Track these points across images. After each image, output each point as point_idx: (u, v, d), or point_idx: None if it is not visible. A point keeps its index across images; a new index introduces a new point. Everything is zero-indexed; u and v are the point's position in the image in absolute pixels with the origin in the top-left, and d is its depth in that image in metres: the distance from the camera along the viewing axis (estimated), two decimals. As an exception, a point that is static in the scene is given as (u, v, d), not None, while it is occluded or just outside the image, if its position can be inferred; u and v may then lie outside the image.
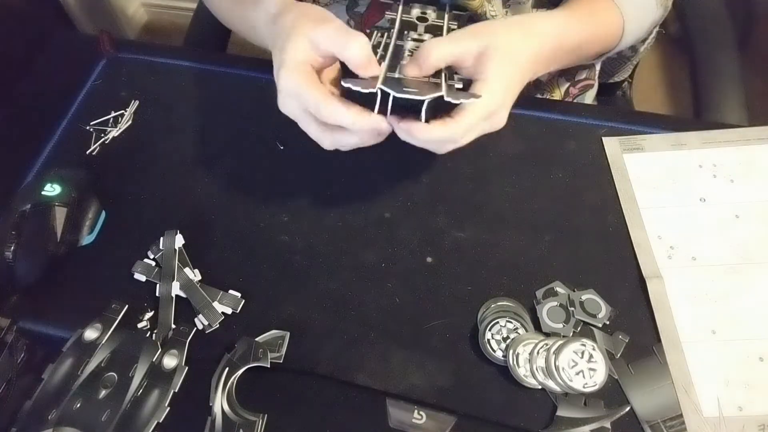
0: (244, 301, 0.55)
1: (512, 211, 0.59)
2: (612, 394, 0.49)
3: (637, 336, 0.51)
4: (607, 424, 0.47)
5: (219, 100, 0.70)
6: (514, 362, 0.49)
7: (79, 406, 0.47)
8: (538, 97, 0.78)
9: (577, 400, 0.48)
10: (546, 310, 0.52)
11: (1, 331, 0.50)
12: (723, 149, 0.61)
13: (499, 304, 0.53)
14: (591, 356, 0.48)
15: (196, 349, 0.52)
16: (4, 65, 0.74)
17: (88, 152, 0.66)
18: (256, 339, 0.52)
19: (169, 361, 0.50)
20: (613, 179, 0.60)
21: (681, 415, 0.47)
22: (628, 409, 0.48)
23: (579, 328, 0.52)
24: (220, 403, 0.48)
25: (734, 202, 0.58)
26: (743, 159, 0.60)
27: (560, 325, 0.51)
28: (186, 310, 0.54)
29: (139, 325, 0.54)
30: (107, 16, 1.66)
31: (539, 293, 0.53)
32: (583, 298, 0.53)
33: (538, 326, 0.52)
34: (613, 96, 0.94)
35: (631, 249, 0.56)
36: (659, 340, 0.51)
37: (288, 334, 0.52)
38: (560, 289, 0.53)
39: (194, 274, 0.56)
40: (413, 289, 0.55)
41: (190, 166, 0.64)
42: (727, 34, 0.80)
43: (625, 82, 0.93)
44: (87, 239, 0.59)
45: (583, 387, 0.47)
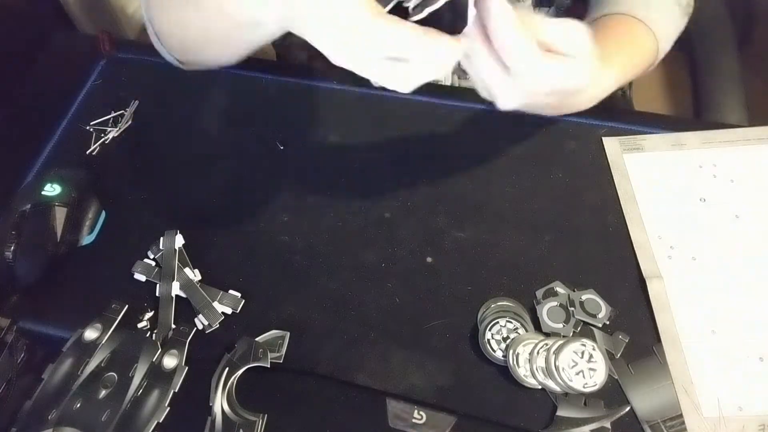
0: (244, 301, 0.55)
1: (512, 211, 0.59)
2: (612, 394, 0.49)
3: (637, 336, 0.51)
4: (607, 424, 0.47)
5: (219, 100, 0.70)
6: (514, 362, 0.49)
7: (79, 406, 0.47)
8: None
9: (577, 400, 0.48)
10: (546, 310, 0.52)
11: (1, 331, 0.50)
12: (723, 149, 0.61)
13: (499, 304, 0.53)
14: (591, 356, 0.48)
15: (196, 349, 0.52)
16: (4, 65, 0.74)
17: (88, 152, 0.66)
18: (256, 339, 0.52)
19: (169, 361, 0.50)
20: (613, 179, 0.60)
21: (681, 415, 0.47)
22: (628, 409, 0.48)
23: (579, 328, 0.52)
24: (220, 403, 0.48)
25: (734, 202, 0.58)
26: (743, 159, 0.60)
27: (560, 325, 0.51)
28: (186, 310, 0.54)
29: (139, 325, 0.54)
30: (107, 16, 1.66)
31: (539, 293, 0.53)
32: (583, 298, 0.53)
33: (538, 326, 0.52)
34: (613, 96, 0.94)
35: (631, 249, 0.56)
36: (659, 340, 0.51)
37: (288, 334, 0.52)
38: (560, 289, 0.53)
39: (194, 274, 0.56)
40: (413, 289, 0.55)
41: (190, 167, 0.64)
42: (727, 34, 0.80)
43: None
44: (87, 239, 0.59)
45: (583, 387, 0.47)
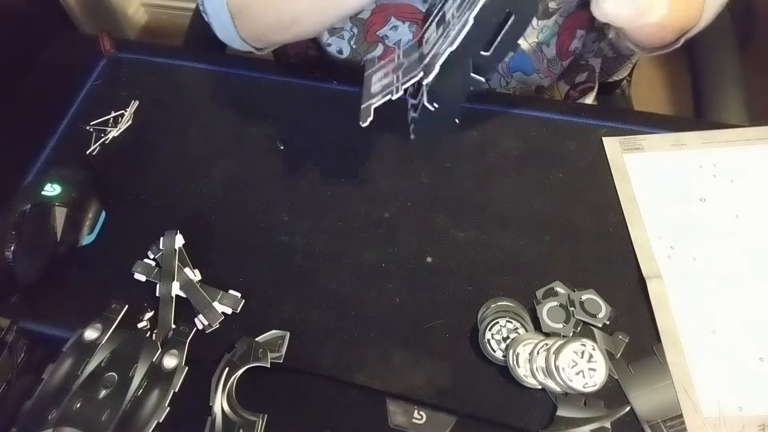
0: (244, 301, 0.55)
1: (512, 211, 0.59)
2: (612, 394, 0.49)
3: (637, 336, 0.51)
4: (607, 424, 0.47)
5: (219, 100, 0.70)
6: (514, 362, 0.49)
7: (79, 406, 0.47)
8: (539, 96, 0.78)
9: (577, 400, 0.48)
10: (546, 310, 0.52)
11: (1, 331, 0.50)
12: (723, 149, 0.61)
13: (499, 304, 0.53)
14: (591, 356, 0.48)
15: (196, 349, 0.52)
16: (4, 65, 0.75)
17: (88, 152, 0.66)
18: (256, 339, 0.52)
19: (169, 361, 0.50)
20: (613, 179, 0.60)
21: (681, 415, 0.47)
22: (628, 409, 0.48)
23: (579, 328, 0.52)
24: (220, 403, 0.48)
25: (734, 202, 0.58)
26: (743, 159, 0.60)
27: (560, 325, 0.51)
28: (186, 310, 0.54)
29: (139, 325, 0.54)
30: (107, 16, 1.66)
31: (539, 293, 0.53)
32: (583, 298, 0.53)
33: (538, 326, 0.52)
34: (612, 95, 0.94)
35: (631, 249, 0.56)
36: (659, 340, 0.51)
37: (288, 334, 0.52)
38: (560, 289, 0.53)
39: (194, 274, 0.56)
40: (413, 289, 0.55)
41: (190, 167, 0.64)
42: (727, 34, 0.80)
43: (624, 81, 0.93)
44: (87, 239, 0.59)
45: (583, 387, 0.47)
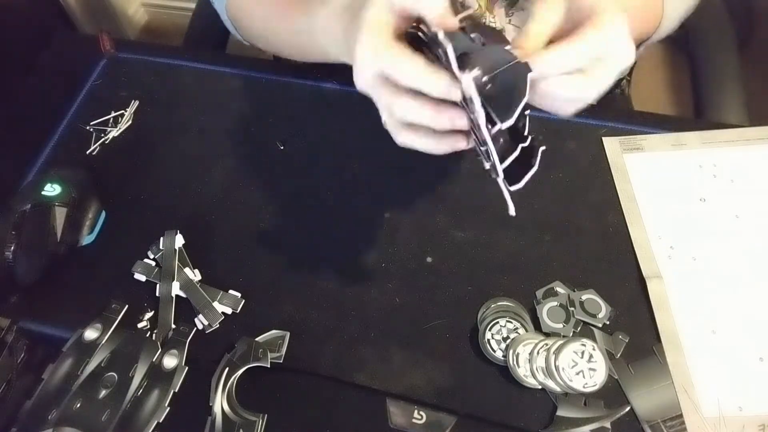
0: (244, 301, 0.55)
1: (512, 211, 0.59)
2: (612, 394, 0.49)
3: (637, 336, 0.51)
4: (607, 424, 0.47)
5: (219, 100, 0.70)
6: (514, 362, 0.49)
7: (79, 406, 0.47)
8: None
9: (577, 400, 0.48)
10: (546, 310, 0.52)
11: (1, 331, 0.50)
12: (723, 149, 0.61)
13: (499, 304, 0.53)
14: (591, 356, 0.48)
15: (196, 349, 0.52)
16: (4, 65, 0.74)
17: (88, 152, 0.66)
18: (256, 339, 0.52)
19: (169, 361, 0.50)
20: (613, 179, 0.60)
21: (681, 415, 0.47)
22: (628, 409, 0.48)
23: (579, 328, 0.52)
24: (220, 403, 0.48)
25: (734, 202, 0.58)
26: (743, 159, 0.60)
27: (560, 325, 0.51)
28: (186, 310, 0.54)
29: (139, 325, 0.54)
30: (107, 16, 1.66)
31: (539, 293, 0.53)
32: (583, 298, 0.53)
33: (538, 326, 0.52)
34: (612, 94, 0.94)
35: (631, 249, 0.56)
36: (659, 340, 0.51)
37: (288, 334, 0.52)
38: (560, 289, 0.53)
39: (194, 274, 0.56)
40: (413, 289, 0.55)
41: (190, 167, 0.64)
42: (727, 34, 0.80)
43: (624, 80, 0.93)
44: (87, 239, 0.59)
45: (583, 387, 0.47)
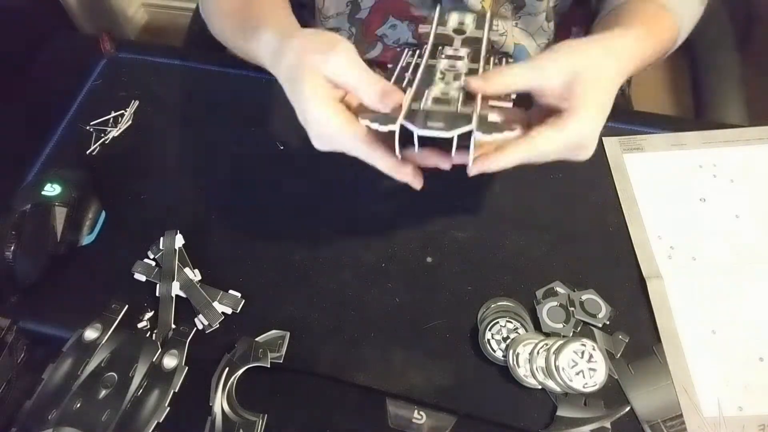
0: (244, 301, 0.55)
1: (512, 211, 0.59)
2: (612, 394, 0.49)
3: (637, 336, 0.51)
4: (607, 424, 0.47)
5: (219, 100, 0.70)
6: (514, 362, 0.49)
7: (79, 406, 0.47)
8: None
9: (577, 400, 0.48)
10: (546, 310, 0.52)
11: (1, 331, 0.50)
12: (723, 149, 0.61)
13: (499, 304, 0.53)
14: (591, 356, 0.48)
15: (196, 349, 0.52)
16: (4, 65, 0.74)
17: (88, 152, 0.66)
18: (256, 339, 0.52)
19: (169, 361, 0.50)
20: (613, 179, 0.60)
21: (681, 415, 0.47)
22: (628, 409, 0.48)
23: (579, 328, 0.52)
24: (220, 403, 0.48)
25: (734, 202, 0.58)
26: (743, 159, 0.60)
27: (560, 325, 0.51)
28: (186, 310, 0.54)
29: (139, 325, 0.54)
30: (107, 16, 1.66)
31: (539, 293, 0.53)
32: (583, 298, 0.53)
33: (538, 326, 0.52)
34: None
35: (631, 249, 0.56)
36: (659, 340, 0.51)
37: (288, 334, 0.52)
38: (560, 289, 0.53)
39: (194, 274, 0.56)
40: (413, 289, 0.55)
41: (190, 166, 0.64)
42: (727, 34, 0.80)
43: (624, 81, 0.93)
44: (87, 239, 0.59)
45: (583, 387, 0.47)
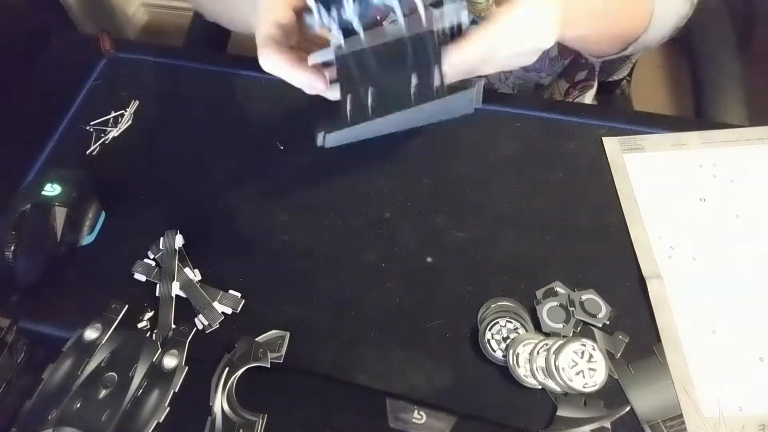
0: (244, 301, 0.55)
1: (512, 211, 0.59)
2: (612, 394, 0.49)
3: (637, 336, 0.51)
4: (607, 424, 0.47)
5: (219, 100, 0.70)
6: (514, 362, 0.49)
7: (79, 406, 0.47)
8: (539, 96, 0.78)
9: (577, 400, 0.48)
10: (546, 310, 0.52)
11: (1, 331, 0.50)
12: (723, 149, 0.61)
13: (499, 304, 0.53)
14: (591, 356, 0.48)
15: (196, 349, 0.52)
16: (4, 65, 0.74)
17: (88, 152, 0.66)
18: (256, 339, 0.52)
19: (169, 361, 0.50)
20: (613, 179, 0.60)
21: (681, 415, 0.47)
22: (628, 409, 0.48)
23: (579, 328, 0.52)
24: (220, 403, 0.48)
25: (734, 202, 0.58)
26: (743, 159, 0.60)
27: (560, 325, 0.51)
28: (186, 310, 0.54)
29: (139, 325, 0.54)
30: (107, 16, 1.66)
31: (539, 293, 0.53)
32: (583, 298, 0.53)
33: (538, 326, 0.52)
34: (612, 94, 0.94)
35: (631, 249, 0.56)
36: (659, 340, 0.51)
37: (288, 334, 0.52)
38: (560, 289, 0.53)
39: (194, 274, 0.56)
40: (413, 289, 0.55)
41: (190, 167, 0.64)
42: (727, 34, 0.80)
43: (624, 81, 0.93)
44: (87, 239, 0.59)
45: (583, 387, 0.47)
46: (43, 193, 0.57)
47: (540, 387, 0.49)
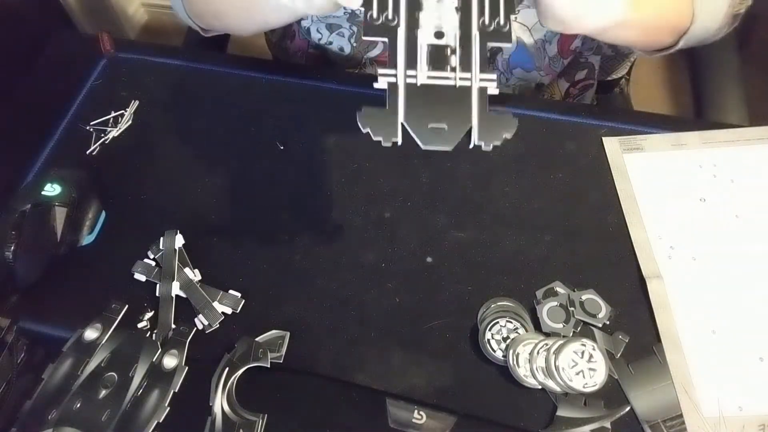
0: (244, 301, 0.55)
1: (512, 211, 0.59)
2: (612, 394, 0.49)
3: (637, 336, 0.51)
4: (607, 424, 0.47)
5: (219, 100, 0.70)
6: (514, 362, 0.49)
7: (79, 406, 0.47)
8: (539, 96, 0.78)
9: (577, 400, 0.48)
10: (546, 310, 0.52)
11: (1, 331, 0.50)
12: (723, 149, 0.61)
13: (499, 304, 0.53)
14: (591, 356, 0.48)
15: (196, 349, 0.52)
16: (4, 65, 0.74)
17: (88, 152, 0.66)
18: (256, 339, 0.52)
19: (169, 361, 0.50)
20: (613, 179, 0.60)
21: (681, 415, 0.47)
22: (628, 409, 0.48)
23: (579, 328, 0.52)
24: (220, 403, 0.48)
25: (734, 202, 0.58)
26: (743, 159, 0.60)
27: (560, 325, 0.51)
28: (186, 310, 0.54)
29: (139, 325, 0.54)
30: (107, 16, 1.66)
31: (539, 293, 0.53)
32: (583, 298, 0.53)
33: (538, 326, 0.52)
34: (611, 93, 0.94)
35: (631, 249, 0.56)
36: (659, 340, 0.51)
37: (288, 334, 0.52)
38: (560, 289, 0.53)
39: (194, 274, 0.56)
40: (413, 289, 0.55)
41: (190, 166, 0.64)
42: (727, 34, 0.80)
43: (623, 79, 0.93)
44: (87, 239, 0.59)
45: (583, 387, 0.47)
46: (43, 193, 0.57)
47: (540, 387, 0.49)
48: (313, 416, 0.49)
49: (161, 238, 0.57)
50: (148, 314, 0.54)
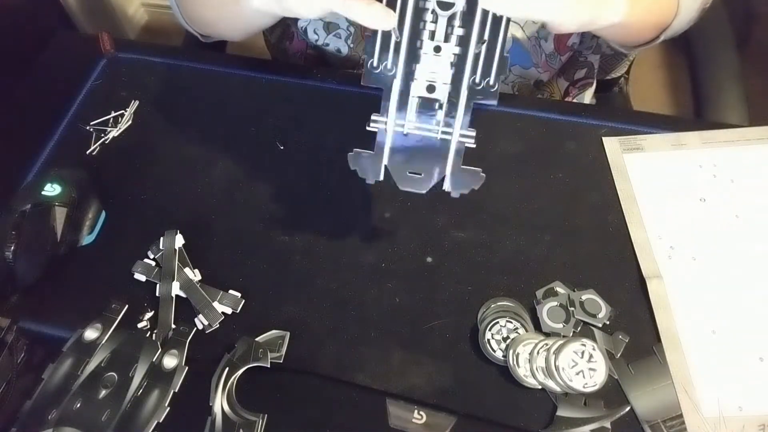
0: (244, 301, 0.55)
1: (512, 211, 0.59)
2: (612, 394, 0.49)
3: (637, 336, 0.51)
4: (607, 424, 0.47)
5: (219, 100, 0.70)
6: (514, 362, 0.49)
7: (79, 406, 0.47)
8: (538, 97, 0.78)
9: (577, 400, 0.48)
10: (546, 310, 0.52)
11: (1, 331, 0.50)
12: (723, 149, 0.61)
13: (499, 304, 0.53)
14: (591, 356, 0.48)
15: (196, 349, 0.52)
16: (4, 65, 0.74)
17: (88, 152, 0.66)
18: (256, 339, 0.52)
19: (169, 361, 0.50)
20: (613, 179, 0.60)
21: (681, 415, 0.47)
22: (628, 409, 0.48)
23: (579, 328, 0.52)
24: (220, 403, 0.48)
25: (734, 202, 0.58)
26: (743, 159, 0.60)
27: (560, 325, 0.51)
28: (186, 310, 0.54)
29: (139, 325, 0.54)
30: (107, 16, 1.66)
31: (539, 293, 0.53)
32: (583, 298, 0.53)
33: (538, 326, 0.52)
34: (610, 92, 0.94)
35: (631, 249, 0.56)
36: (659, 340, 0.51)
37: (288, 334, 0.52)
38: (560, 289, 0.53)
39: (194, 274, 0.56)
40: (413, 289, 0.55)
41: (190, 167, 0.64)
42: (727, 34, 0.80)
43: (622, 78, 0.93)
44: (87, 239, 0.59)
45: (583, 387, 0.47)
46: (43, 193, 0.57)
47: (540, 387, 0.49)
48: (313, 416, 0.49)
49: (161, 238, 0.57)
50: (148, 314, 0.54)
